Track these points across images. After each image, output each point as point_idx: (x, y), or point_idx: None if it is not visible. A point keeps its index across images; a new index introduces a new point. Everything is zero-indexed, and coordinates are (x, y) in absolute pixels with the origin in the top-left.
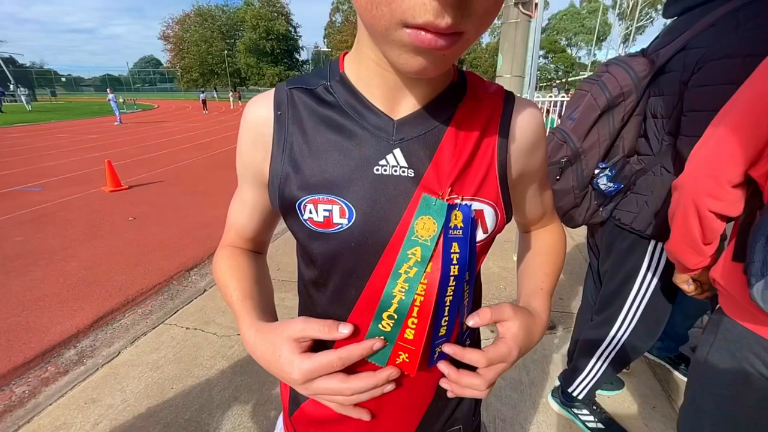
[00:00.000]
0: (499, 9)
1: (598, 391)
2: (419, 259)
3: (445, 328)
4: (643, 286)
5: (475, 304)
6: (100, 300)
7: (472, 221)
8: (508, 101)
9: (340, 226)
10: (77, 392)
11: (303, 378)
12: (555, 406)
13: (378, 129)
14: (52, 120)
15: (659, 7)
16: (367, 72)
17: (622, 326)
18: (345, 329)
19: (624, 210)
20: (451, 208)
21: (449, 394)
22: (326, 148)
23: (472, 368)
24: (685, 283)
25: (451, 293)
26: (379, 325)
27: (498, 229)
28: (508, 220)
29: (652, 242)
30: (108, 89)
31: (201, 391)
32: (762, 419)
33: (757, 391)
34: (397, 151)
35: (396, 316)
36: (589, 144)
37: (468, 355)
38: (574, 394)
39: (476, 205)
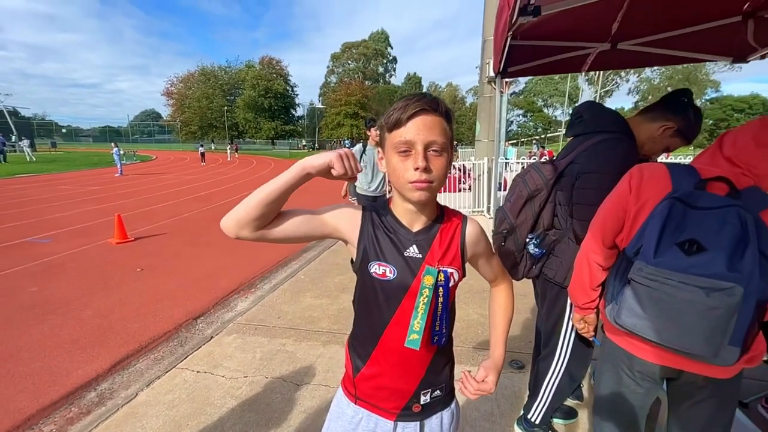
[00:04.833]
0: (446, 172)
1: (556, 420)
2: (428, 295)
3: (438, 325)
4: (569, 325)
5: (451, 314)
6: (116, 346)
7: (448, 277)
8: (464, 221)
9: (389, 277)
10: (101, 430)
11: (338, 152)
12: None
13: (405, 235)
14: (53, 171)
15: (623, 74)
16: (400, 210)
17: (560, 358)
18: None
19: (549, 268)
20: (439, 271)
21: (462, 393)
22: (383, 241)
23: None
24: (578, 322)
25: (441, 310)
26: (414, 327)
27: (459, 279)
28: (464, 275)
29: None
30: (113, 144)
31: (214, 427)
32: (634, 406)
33: (627, 387)
34: (414, 246)
35: (421, 322)
36: (520, 221)
37: (472, 382)
38: (532, 419)
39: (450, 269)
